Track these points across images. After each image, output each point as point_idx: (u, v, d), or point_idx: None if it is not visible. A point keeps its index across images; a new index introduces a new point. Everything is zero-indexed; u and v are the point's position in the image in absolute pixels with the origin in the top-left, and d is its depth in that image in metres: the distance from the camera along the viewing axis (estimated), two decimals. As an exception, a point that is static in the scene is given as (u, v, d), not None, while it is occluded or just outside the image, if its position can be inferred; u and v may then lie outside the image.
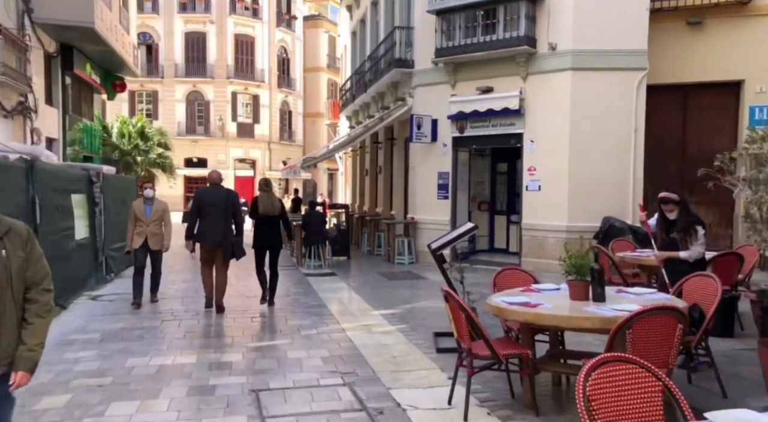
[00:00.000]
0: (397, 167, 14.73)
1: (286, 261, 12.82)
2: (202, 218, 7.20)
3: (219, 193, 7.35)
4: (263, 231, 7.58)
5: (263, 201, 7.56)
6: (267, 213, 7.50)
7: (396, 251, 12.32)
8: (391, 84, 14.15)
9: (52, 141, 15.81)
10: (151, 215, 7.65)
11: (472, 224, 6.03)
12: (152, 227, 7.66)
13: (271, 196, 7.72)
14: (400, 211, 14.58)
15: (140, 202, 7.85)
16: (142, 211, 7.68)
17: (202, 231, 7.22)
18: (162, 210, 7.77)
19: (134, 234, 7.70)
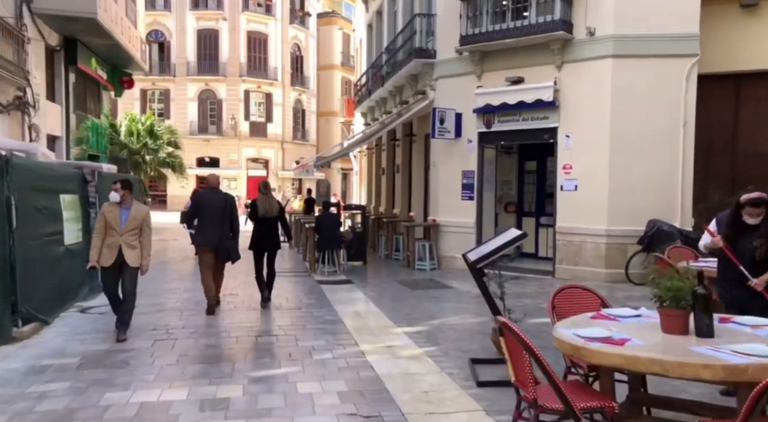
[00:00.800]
0: (417, 166, 13.78)
1: (298, 267, 11.96)
2: (200, 220, 7.33)
3: (217, 196, 7.43)
4: (262, 233, 7.67)
5: (262, 203, 7.65)
6: (266, 215, 7.60)
7: (416, 257, 11.38)
8: (410, 76, 13.21)
9: (54, 139, 15.12)
10: (127, 223, 5.96)
11: (518, 231, 5.06)
12: (128, 238, 5.96)
13: (269, 198, 7.80)
14: (420, 212, 13.64)
15: (113, 206, 6.05)
16: (116, 217, 5.97)
17: (200, 235, 7.41)
18: (141, 217, 6.07)
19: (103, 247, 5.92)
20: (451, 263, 11.39)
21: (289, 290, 9.09)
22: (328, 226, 10.70)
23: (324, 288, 9.19)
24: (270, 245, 7.74)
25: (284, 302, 8.05)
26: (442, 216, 11.62)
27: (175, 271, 11.26)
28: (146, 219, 6.16)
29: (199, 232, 7.40)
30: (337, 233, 10.83)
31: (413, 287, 9.40)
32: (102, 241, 5.95)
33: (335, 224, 10.88)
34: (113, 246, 5.93)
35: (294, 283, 9.81)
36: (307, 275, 10.75)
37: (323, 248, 10.65)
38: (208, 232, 7.20)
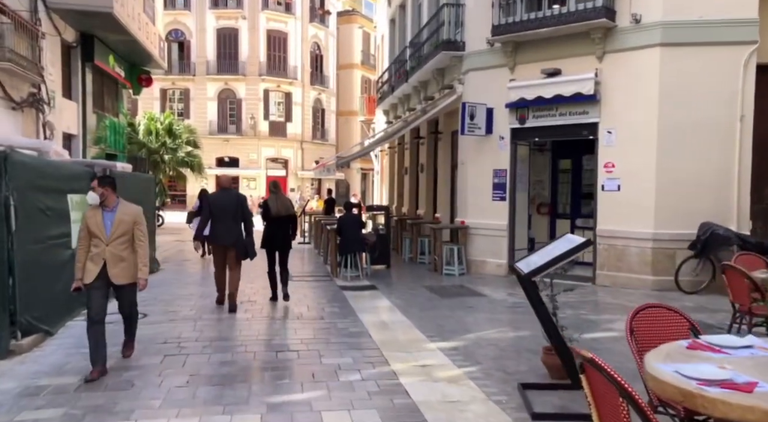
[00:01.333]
0: (443, 165, 13.12)
1: (318, 270, 11.38)
2: (214, 220, 7.39)
3: (229, 196, 7.57)
4: (274, 232, 7.83)
5: (273, 203, 7.84)
6: (278, 214, 7.79)
7: (444, 261, 10.72)
8: (436, 71, 12.55)
9: (71, 137, 14.80)
10: (112, 229, 4.77)
11: (578, 237, 4.39)
12: (115, 247, 4.78)
13: (280, 197, 8.01)
14: (446, 214, 12.98)
15: (95, 210, 4.84)
16: (98, 222, 4.76)
17: (214, 234, 7.47)
18: (131, 220, 4.88)
19: (86, 260, 4.79)
20: (481, 267, 10.72)
21: (311, 297, 8.51)
22: (350, 228, 10.11)
23: (347, 295, 8.59)
24: (282, 244, 7.94)
25: (305, 310, 7.46)
26: (471, 218, 10.95)
27: (191, 274, 10.78)
28: (138, 221, 4.95)
29: (212, 231, 7.46)
30: (359, 235, 10.23)
31: (442, 294, 8.75)
32: (87, 253, 4.78)
33: (358, 225, 10.28)
34: (97, 259, 4.75)
35: (315, 289, 9.23)
36: (328, 279, 10.17)
37: (345, 252, 10.06)
38: (222, 231, 7.33)
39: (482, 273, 10.65)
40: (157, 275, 10.37)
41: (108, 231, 4.78)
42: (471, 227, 10.89)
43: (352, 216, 10.41)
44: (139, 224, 4.97)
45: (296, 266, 11.83)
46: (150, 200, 10.94)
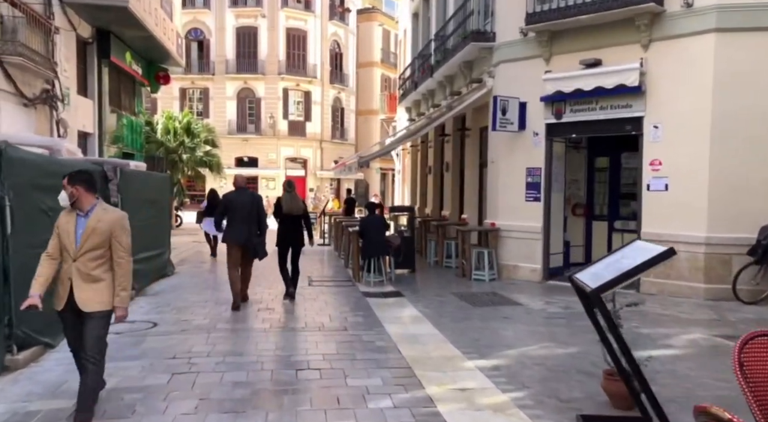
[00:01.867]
0: (471, 163, 12.45)
1: (339, 274, 10.81)
2: (229, 219, 7.44)
3: (244, 196, 7.62)
4: (286, 230, 7.97)
5: (287, 201, 7.93)
6: (290, 212, 7.91)
7: (473, 265, 10.06)
8: (463, 64, 11.89)
9: (86, 135, 14.48)
10: (81, 240, 3.70)
11: (655, 246, 3.73)
12: (83, 264, 3.69)
13: (294, 196, 8.07)
14: (474, 215, 12.31)
15: (69, 214, 3.83)
16: (69, 231, 3.74)
17: (228, 232, 7.48)
18: (107, 230, 3.71)
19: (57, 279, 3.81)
20: (513, 273, 10.04)
21: (332, 304, 7.93)
22: (373, 230, 9.52)
23: (371, 302, 8.00)
24: (294, 242, 8.07)
25: (327, 320, 6.88)
26: (502, 219, 10.27)
27: (207, 278, 10.29)
28: (117, 231, 3.73)
29: (227, 229, 7.50)
30: (383, 238, 9.64)
31: (474, 302, 8.10)
32: (52, 267, 3.74)
33: (382, 228, 9.69)
34: (64, 278, 3.72)
35: (336, 295, 8.66)
36: (350, 285, 9.59)
37: (368, 256, 9.47)
38: (237, 230, 7.39)
39: (514, 279, 9.98)
40: (171, 280, 9.91)
41: (77, 243, 3.68)
42: (502, 229, 10.22)
43: (376, 218, 9.82)
44: (119, 235, 3.73)
45: (316, 270, 11.29)
46: (166, 200, 10.48)
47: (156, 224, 9.82)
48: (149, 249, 9.31)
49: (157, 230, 9.93)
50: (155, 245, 9.71)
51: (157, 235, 9.90)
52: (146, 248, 9.13)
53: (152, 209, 9.62)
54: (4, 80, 9.99)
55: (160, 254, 10.02)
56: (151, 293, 8.56)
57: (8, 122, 10.17)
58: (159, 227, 10.03)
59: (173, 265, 10.78)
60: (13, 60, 9.81)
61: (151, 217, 9.48)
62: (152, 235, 9.56)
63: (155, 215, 9.75)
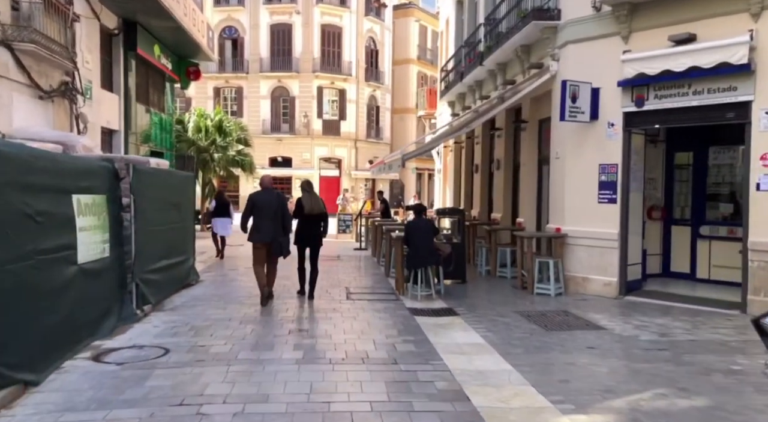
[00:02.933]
0: (528, 160, 11.05)
1: (380, 285, 9.60)
2: (255, 219, 7.59)
3: (270, 196, 7.75)
4: (305, 229, 8.08)
5: (307, 201, 8.06)
6: (312, 212, 8.02)
7: (535, 277, 8.71)
8: (521, 48, 10.52)
9: (112, 133, 13.70)
10: None
11: None
12: None
13: (313, 196, 8.25)
14: (531, 218, 10.92)
15: None
16: None
17: (254, 231, 7.63)
18: None
19: None
20: (582, 286, 8.65)
21: (376, 325, 6.71)
22: (421, 236, 8.27)
23: (421, 323, 6.76)
24: (313, 241, 8.17)
25: (371, 348, 5.67)
26: (569, 224, 8.88)
27: (234, 289, 9.23)
28: None
29: (253, 229, 7.65)
30: (432, 245, 8.38)
31: (545, 324, 6.76)
32: None
33: (430, 233, 8.42)
34: None
35: (380, 312, 7.44)
36: (394, 299, 8.37)
37: (415, 266, 8.23)
38: (263, 229, 7.53)
39: (584, 294, 8.58)
40: (194, 290, 8.89)
41: None
42: (569, 235, 8.83)
43: (424, 222, 8.56)
44: None
45: (354, 280, 10.10)
46: (188, 201, 9.49)
47: (178, 229, 8.82)
48: (170, 257, 8.31)
49: (180, 236, 8.94)
50: (177, 252, 8.72)
51: (179, 241, 8.91)
52: (166, 256, 8.14)
53: (174, 212, 8.62)
54: (16, 70, 9.16)
55: (183, 261, 9.02)
56: (169, 307, 7.53)
57: (22, 115, 9.34)
58: (181, 232, 9.03)
59: (197, 273, 9.78)
60: (25, 47, 8.95)
61: (172, 220, 8.49)
62: (174, 241, 8.57)
63: (177, 219, 8.76)
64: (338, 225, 20.01)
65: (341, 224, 19.96)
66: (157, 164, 8.90)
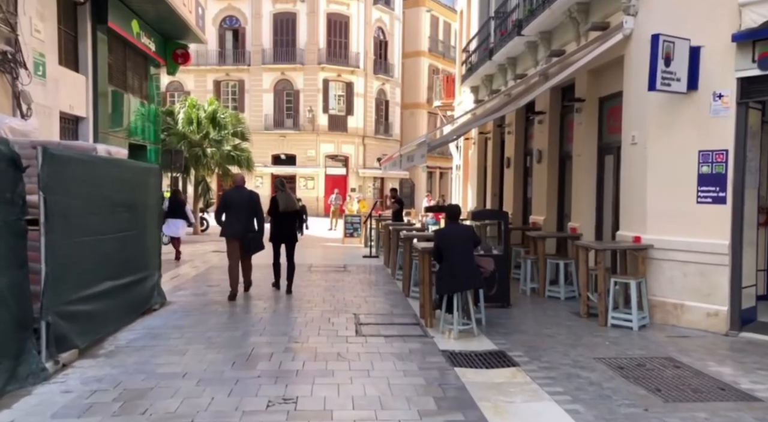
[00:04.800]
0: (583, 149, 8.74)
1: (399, 309, 7.36)
2: (228, 215, 7.82)
3: (242, 193, 7.95)
4: (280, 227, 8.27)
5: (282, 200, 8.21)
6: (286, 210, 8.21)
7: (609, 303, 6.45)
8: (576, 6, 8.26)
9: (78, 120, 11.58)
10: None
11: None
12: None
13: (287, 195, 8.40)
14: (588, 223, 8.63)
15: None
16: None
17: (226, 226, 7.88)
18: None
19: None
20: (674, 316, 6.39)
21: (400, 389, 4.45)
22: (458, 249, 6.03)
23: (467, 382, 4.55)
24: (288, 239, 8.32)
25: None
26: (653, 232, 6.61)
27: (208, 318, 7.01)
28: None
29: (225, 225, 7.86)
30: (473, 261, 6.14)
31: (654, 385, 4.50)
32: None
33: (469, 244, 6.18)
34: None
35: (403, 360, 5.19)
36: (419, 333, 6.15)
37: (451, 290, 6.00)
38: (235, 225, 7.80)
39: (677, 326, 6.32)
40: (154, 319, 6.70)
41: None
42: (655, 247, 6.56)
43: (461, 230, 6.31)
44: None
45: (364, 302, 7.86)
46: (149, 200, 7.30)
47: (132, 238, 6.64)
48: (118, 277, 6.15)
49: (135, 247, 6.75)
50: (130, 270, 6.54)
51: (134, 254, 6.73)
52: (112, 276, 5.99)
53: (124, 216, 6.44)
54: None
55: (140, 281, 6.83)
56: (106, 350, 5.34)
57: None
58: (138, 242, 6.84)
59: (163, 294, 7.59)
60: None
61: (121, 227, 6.31)
62: (124, 255, 6.40)
63: (130, 225, 6.57)
64: (345, 228, 17.83)
65: (348, 227, 17.76)
66: (109, 153, 6.75)
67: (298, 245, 8.68)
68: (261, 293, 8.48)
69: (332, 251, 15.65)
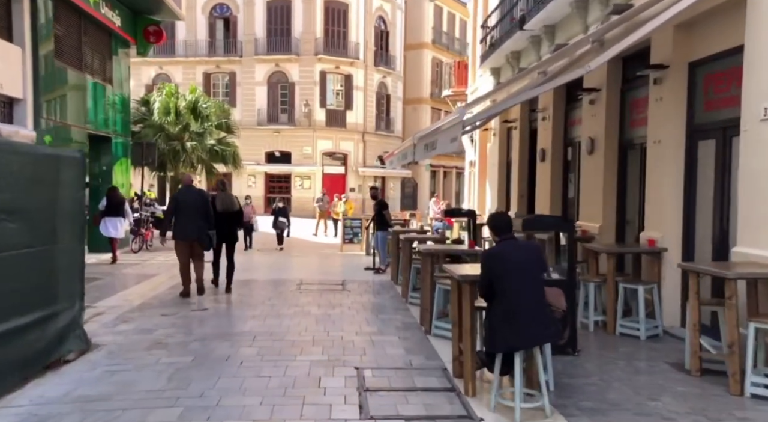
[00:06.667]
0: (666, 134, 6.42)
1: (421, 357, 5.03)
2: (178, 217, 7.83)
3: (192, 193, 8.03)
4: (221, 226, 8.14)
5: (222, 200, 8.29)
6: (226, 210, 8.24)
7: (749, 360, 4.23)
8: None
9: (13, 102, 9.37)
10: None
11: None
12: None
13: (228, 195, 8.54)
14: (674, 233, 6.36)
15: None
16: None
17: (177, 229, 7.91)
18: None
19: None
20: None
21: None
22: (522, 282, 3.81)
23: None
24: (228, 239, 8.34)
25: None
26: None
27: (147, 371, 4.78)
28: None
29: (176, 226, 7.89)
30: (545, 300, 3.91)
31: None
32: None
33: (538, 272, 3.95)
34: None
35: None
36: (458, 414, 3.91)
37: (515, 345, 3.78)
38: (186, 226, 7.76)
39: None
40: (59, 378, 4.48)
41: None
42: (813, 274, 4.32)
43: (523, 250, 4.03)
44: None
45: (370, 343, 5.58)
46: (59, 204, 5.05)
47: (22, 260, 4.41)
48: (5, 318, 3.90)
49: (28, 273, 4.51)
50: (18, 308, 4.31)
51: (27, 283, 4.49)
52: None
53: (14, 227, 4.22)
54: None
55: (38, 323, 4.59)
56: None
57: None
58: (34, 265, 4.60)
59: (84, 336, 5.33)
60: None
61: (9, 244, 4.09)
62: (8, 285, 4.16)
63: (18, 239, 4.34)
64: (344, 233, 15.61)
65: (348, 232, 15.53)
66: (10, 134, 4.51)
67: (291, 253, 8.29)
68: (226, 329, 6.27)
69: (329, 261, 13.44)
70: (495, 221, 4.27)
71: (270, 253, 14.18)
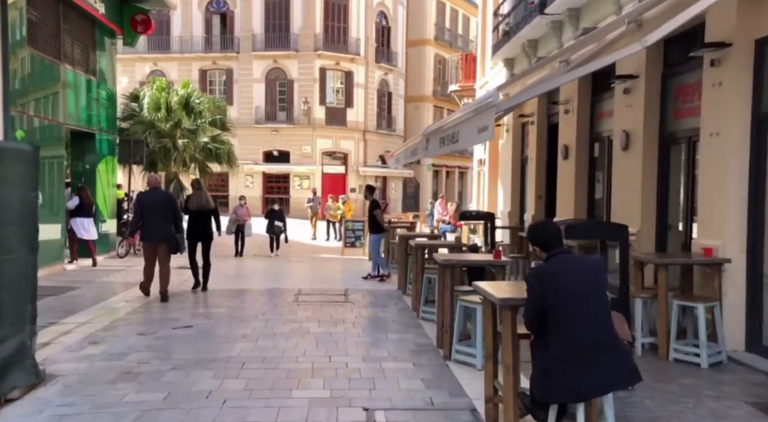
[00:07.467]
0: (726, 125, 5.49)
1: (445, 399, 4.05)
2: (144, 219, 7.74)
3: (158, 195, 7.97)
4: (196, 225, 8.38)
5: (196, 198, 8.42)
6: (201, 209, 8.37)
7: None
8: None
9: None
10: None
11: None
12: None
13: (202, 194, 8.54)
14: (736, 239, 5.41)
15: None
16: None
17: (144, 231, 7.91)
18: None
19: None
20: None
21: None
22: (587, 310, 2.88)
23: None
24: (203, 237, 8.46)
25: None
26: None
27: (132, 393, 3.85)
28: None
29: (145, 229, 7.82)
30: (615, 333, 2.98)
31: None
32: None
33: (605, 296, 3.02)
34: None
35: None
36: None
37: (581, 396, 2.84)
38: (153, 228, 7.65)
39: None
40: None
41: None
42: None
43: (584, 267, 3.10)
44: None
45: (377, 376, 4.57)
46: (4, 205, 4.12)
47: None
48: None
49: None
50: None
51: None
52: None
53: None
54: None
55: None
56: None
57: None
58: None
59: (33, 369, 4.38)
60: None
61: None
62: None
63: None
64: (345, 236, 14.70)
65: (349, 235, 14.62)
66: None
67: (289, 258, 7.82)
68: (211, 353, 5.34)
69: (329, 266, 12.51)
70: (540, 233, 3.30)
71: (265, 258, 13.27)
